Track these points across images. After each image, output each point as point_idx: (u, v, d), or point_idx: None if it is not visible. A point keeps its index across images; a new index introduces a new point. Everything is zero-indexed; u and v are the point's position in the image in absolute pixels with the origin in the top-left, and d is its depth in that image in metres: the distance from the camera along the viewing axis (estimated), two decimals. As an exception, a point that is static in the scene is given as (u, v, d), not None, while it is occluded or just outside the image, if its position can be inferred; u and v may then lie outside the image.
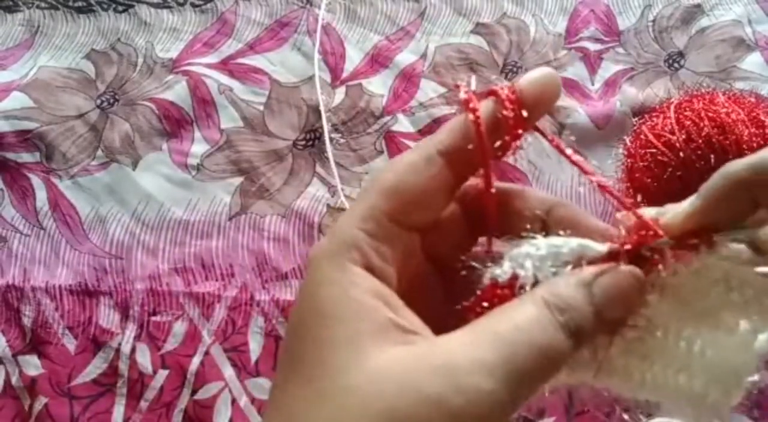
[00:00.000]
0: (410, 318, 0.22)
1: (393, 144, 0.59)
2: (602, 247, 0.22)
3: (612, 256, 0.22)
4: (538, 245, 0.23)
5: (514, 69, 0.62)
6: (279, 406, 0.21)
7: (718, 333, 0.22)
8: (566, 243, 0.22)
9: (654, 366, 0.22)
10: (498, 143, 0.23)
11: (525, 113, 0.23)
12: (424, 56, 0.63)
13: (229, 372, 0.50)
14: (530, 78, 0.23)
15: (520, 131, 0.23)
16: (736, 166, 0.21)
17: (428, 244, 0.25)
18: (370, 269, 0.22)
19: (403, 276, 0.23)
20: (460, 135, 0.23)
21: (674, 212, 0.22)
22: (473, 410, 0.19)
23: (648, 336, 0.22)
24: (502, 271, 0.22)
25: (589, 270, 0.22)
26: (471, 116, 0.23)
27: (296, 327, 0.22)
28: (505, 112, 0.23)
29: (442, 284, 0.25)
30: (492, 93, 0.23)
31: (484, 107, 0.23)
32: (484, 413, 0.19)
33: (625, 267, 0.22)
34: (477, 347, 0.20)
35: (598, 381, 0.23)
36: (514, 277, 0.22)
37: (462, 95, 0.23)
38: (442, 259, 0.25)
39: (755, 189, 0.21)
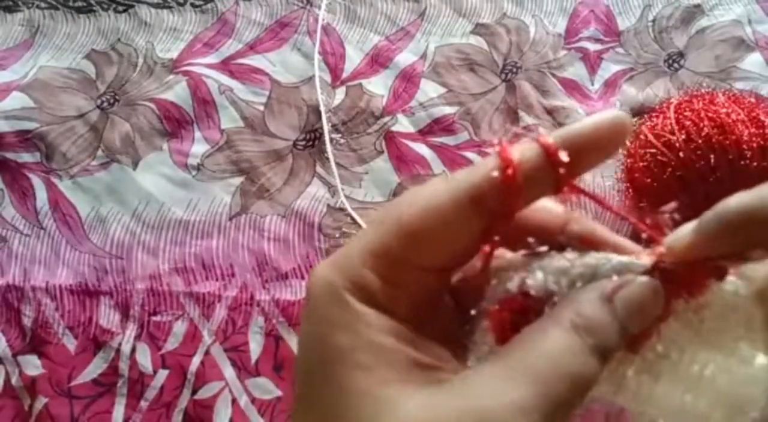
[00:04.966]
0: (430, 350, 0.21)
1: (393, 144, 0.59)
2: (645, 262, 0.21)
3: (653, 273, 0.21)
4: (573, 263, 0.21)
5: (514, 69, 0.62)
6: None
7: (732, 362, 0.21)
8: (608, 262, 0.21)
9: (664, 383, 0.22)
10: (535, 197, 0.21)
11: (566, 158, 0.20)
12: (424, 56, 0.63)
13: (229, 371, 0.50)
14: (587, 124, 0.21)
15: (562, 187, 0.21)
16: (728, 207, 0.20)
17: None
18: (379, 307, 0.21)
19: (415, 308, 0.22)
20: (494, 183, 0.20)
21: (676, 237, 0.21)
22: None
23: (664, 357, 0.22)
24: (535, 282, 0.21)
25: (606, 284, 0.21)
26: (505, 171, 0.20)
27: (312, 374, 0.21)
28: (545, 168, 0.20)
29: (455, 304, 0.24)
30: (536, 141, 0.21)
31: (524, 154, 0.20)
32: None
33: (642, 278, 0.21)
34: (509, 386, 0.19)
35: (608, 396, 0.22)
36: (549, 293, 0.21)
37: (495, 149, 0.21)
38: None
39: (747, 231, 0.20)
